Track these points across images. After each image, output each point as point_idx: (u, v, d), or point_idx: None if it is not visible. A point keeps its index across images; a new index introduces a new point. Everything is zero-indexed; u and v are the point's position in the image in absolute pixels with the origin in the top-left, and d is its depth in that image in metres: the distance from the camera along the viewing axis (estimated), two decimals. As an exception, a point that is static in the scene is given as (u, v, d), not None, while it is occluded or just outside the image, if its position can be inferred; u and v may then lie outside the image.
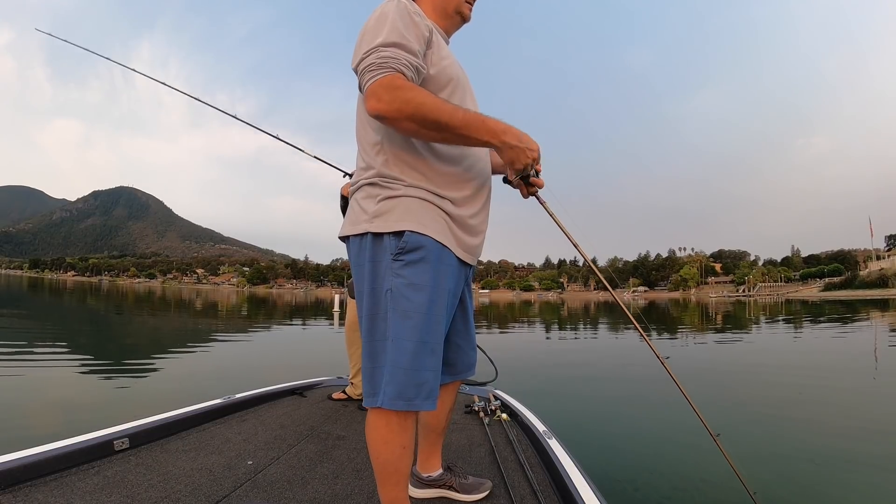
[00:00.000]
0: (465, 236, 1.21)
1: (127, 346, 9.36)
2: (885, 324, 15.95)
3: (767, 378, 6.60)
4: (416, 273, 1.09)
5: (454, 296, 1.22)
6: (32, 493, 1.41)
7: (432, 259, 1.10)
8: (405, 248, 1.09)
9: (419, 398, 1.09)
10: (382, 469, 1.18)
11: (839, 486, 2.94)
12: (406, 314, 1.08)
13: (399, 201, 1.11)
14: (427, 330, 1.09)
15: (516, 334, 14.22)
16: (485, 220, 1.29)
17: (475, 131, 1.06)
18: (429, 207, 1.13)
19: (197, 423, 2.22)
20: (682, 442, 3.79)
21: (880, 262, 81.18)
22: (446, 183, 1.17)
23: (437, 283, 1.11)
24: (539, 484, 1.61)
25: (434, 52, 1.15)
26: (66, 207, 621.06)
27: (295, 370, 6.73)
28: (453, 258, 1.17)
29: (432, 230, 1.11)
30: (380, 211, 1.12)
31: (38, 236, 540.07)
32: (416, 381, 1.08)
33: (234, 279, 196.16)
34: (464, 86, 1.24)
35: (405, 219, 1.10)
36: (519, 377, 6.29)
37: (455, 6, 1.26)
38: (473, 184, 1.23)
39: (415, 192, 1.12)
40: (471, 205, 1.22)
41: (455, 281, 1.20)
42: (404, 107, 1.00)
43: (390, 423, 1.13)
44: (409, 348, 1.07)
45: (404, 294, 1.08)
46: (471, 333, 1.39)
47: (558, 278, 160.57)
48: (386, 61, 1.02)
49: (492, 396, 2.71)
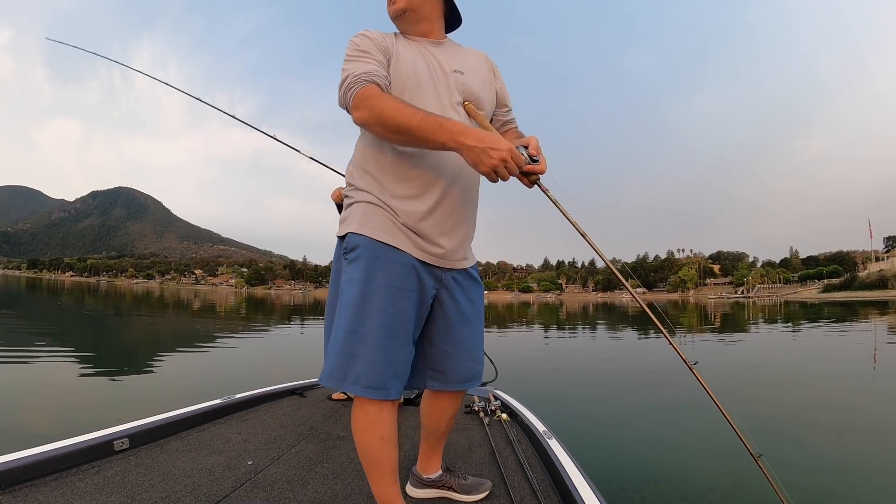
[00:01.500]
0: (422, 237, 1.23)
1: (127, 347, 9.35)
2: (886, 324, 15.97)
3: (796, 380, 6.59)
4: (353, 269, 1.21)
5: (413, 293, 1.22)
6: (32, 493, 1.41)
7: (365, 256, 1.19)
8: (347, 248, 1.23)
9: (347, 381, 1.17)
10: (366, 460, 1.24)
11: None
12: (344, 305, 1.20)
13: (354, 207, 1.25)
14: (357, 320, 1.17)
15: (516, 335, 14.23)
16: (447, 223, 1.26)
17: (431, 133, 1.07)
18: (374, 209, 1.22)
19: (197, 423, 2.21)
20: (683, 442, 3.80)
21: (879, 264, 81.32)
22: (394, 185, 1.23)
23: (370, 278, 1.18)
24: (539, 484, 1.61)
25: (393, 60, 1.25)
26: (64, 208, 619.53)
27: (295, 370, 6.72)
28: (405, 256, 1.21)
29: (370, 229, 1.21)
30: (343, 217, 1.29)
31: (37, 236, 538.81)
32: (344, 365, 1.17)
33: (232, 280, 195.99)
34: (417, 82, 1.25)
35: (353, 222, 1.23)
36: (519, 377, 6.29)
37: (390, 14, 1.33)
38: (423, 181, 1.23)
39: (364, 197, 1.24)
40: (419, 205, 1.22)
41: (410, 279, 1.21)
42: (372, 112, 1.11)
43: (367, 413, 1.21)
44: (339, 335, 1.18)
45: (344, 288, 1.22)
46: (463, 340, 1.33)
47: (557, 279, 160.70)
48: (359, 77, 1.15)
49: (492, 396, 2.72)
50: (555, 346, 11.68)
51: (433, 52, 1.31)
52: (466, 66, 1.35)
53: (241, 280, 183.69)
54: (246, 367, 7.13)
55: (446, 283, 1.30)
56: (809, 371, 7.31)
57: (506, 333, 14.44)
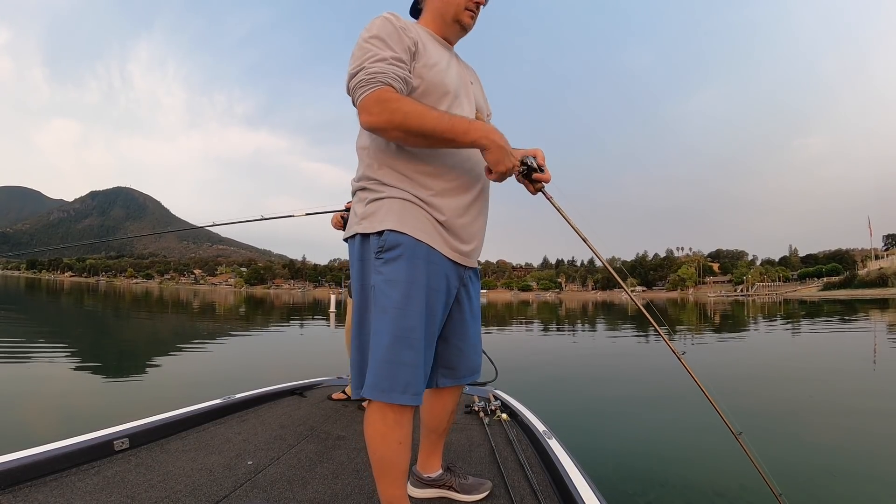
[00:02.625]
0: (454, 236, 1.24)
1: (126, 347, 9.34)
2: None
3: (789, 375, 6.61)
4: (393, 270, 1.14)
5: (443, 294, 1.22)
6: (32, 493, 1.41)
7: (408, 256, 1.15)
8: (384, 247, 1.15)
9: (395, 391, 1.12)
10: (380, 464, 1.21)
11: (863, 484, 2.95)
12: (384, 309, 1.14)
13: (382, 203, 1.18)
14: (402, 325, 1.13)
15: (516, 334, 14.23)
16: (476, 222, 1.30)
17: (461, 134, 1.10)
18: (410, 207, 1.18)
19: (197, 423, 2.22)
20: (683, 441, 3.81)
21: (879, 262, 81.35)
22: (432, 181, 1.20)
23: (414, 279, 1.14)
24: (539, 484, 1.61)
25: (421, 63, 1.18)
26: (63, 208, 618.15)
27: (294, 370, 6.72)
28: (439, 257, 1.20)
29: (411, 228, 1.16)
30: (367, 213, 1.20)
31: (36, 237, 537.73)
32: (391, 373, 1.12)
33: (231, 280, 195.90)
34: (455, 91, 1.26)
35: (387, 219, 1.16)
36: (519, 377, 6.29)
37: (453, 14, 1.29)
38: (457, 180, 1.24)
39: (397, 193, 1.18)
40: (456, 203, 1.23)
41: (442, 280, 1.21)
42: (392, 118, 1.06)
43: (386, 418, 1.16)
44: (384, 342, 1.12)
45: (383, 290, 1.15)
46: (472, 336, 1.37)
47: (556, 278, 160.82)
48: (374, 76, 1.08)
49: (492, 396, 2.72)
50: (555, 345, 11.68)
51: (454, 60, 1.32)
52: (473, 77, 1.40)
53: (241, 280, 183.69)
54: (246, 367, 7.13)
55: (465, 282, 1.33)
56: (814, 368, 7.33)
57: (505, 333, 14.45)
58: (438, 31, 1.31)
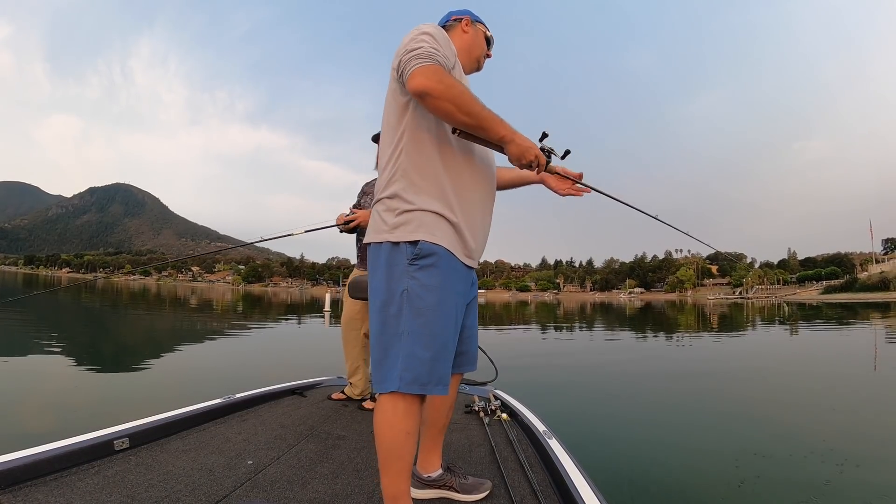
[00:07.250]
0: (467, 244, 1.35)
1: (126, 346, 9.34)
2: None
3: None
4: (428, 276, 1.25)
5: (463, 297, 1.36)
6: (32, 493, 1.41)
7: (442, 265, 1.27)
8: (419, 255, 1.26)
9: (432, 383, 1.25)
10: (386, 454, 1.25)
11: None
12: (420, 312, 1.24)
13: (414, 215, 1.28)
14: (438, 325, 1.25)
15: (515, 334, 14.25)
16: (486, 227, 1.45)
17: (495, 125, 1.24)
18: (439, 220, 1.29)
19: (197, 423, 2.21)
20: (683, 441, 3.82)
21: (880, 266, 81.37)
22: (461, 192, 1.33)
23: (446, 285, 1.27)
24: (539, 484, 1.61)
25: (456, 76, 1.29)
26: (62, 204, 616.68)
27: (295, 370, 6.72)
28: (459, 264, 1.33)
29: (440, 238, 1.28)
30: (398, 223, 1.29)
31: (34, 233, 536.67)
32: (430, 369, 1.24)
33: (229, 277, 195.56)
34: None
35: (420, 230, 1.27)
36: (519, 377, 6.30)
37: (478, 55, 1.54)
38: (483, 188, 1.41)
39: (428, 206, 1.29)
40: (473, 214, 1.37)
41: (463, 284, 1.35)
42: (449, 90, 1.16)
43: (396, 408, 1.24)
44: (423, 341, 1.23)
45: (418, 294, 1.25)
46: (468, 326, 1.48)
47: (555, 279, 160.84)
48: (433, 54, 1.19)
49: (492, 396, 2.72)
50: (554, 345, 11.70)
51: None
52: None
53: (239, 277, 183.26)
54: (246, 367, 7.12)
55: (472, 283, 1.45)
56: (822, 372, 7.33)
57: (504, 332, 14.46)
58: (461, 61, 1.44)
